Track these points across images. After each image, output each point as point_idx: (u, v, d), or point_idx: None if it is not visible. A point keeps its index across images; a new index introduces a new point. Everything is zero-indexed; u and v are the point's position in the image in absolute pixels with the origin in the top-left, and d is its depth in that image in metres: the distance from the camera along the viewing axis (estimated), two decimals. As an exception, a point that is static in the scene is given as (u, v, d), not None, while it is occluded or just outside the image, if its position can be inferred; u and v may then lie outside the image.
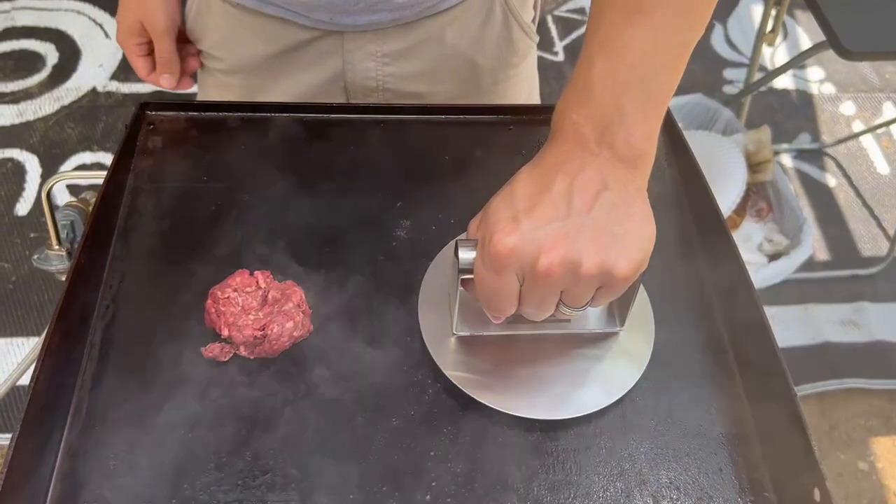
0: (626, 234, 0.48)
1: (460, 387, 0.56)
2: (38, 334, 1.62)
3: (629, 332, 0.60)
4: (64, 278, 0.81)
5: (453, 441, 0.55)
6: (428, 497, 0.52)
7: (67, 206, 0.81)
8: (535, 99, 0.97)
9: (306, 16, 0.74)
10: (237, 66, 0.82)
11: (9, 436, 1.48)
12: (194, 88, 0.92)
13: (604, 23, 0.49)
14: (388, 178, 0.70)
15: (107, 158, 1.94)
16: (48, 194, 0.76)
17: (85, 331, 0.59)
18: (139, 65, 0.81)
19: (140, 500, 0.51)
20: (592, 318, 0.60)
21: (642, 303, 0.62)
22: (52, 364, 0.54)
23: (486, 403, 0.56)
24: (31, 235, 1.79)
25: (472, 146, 0.73)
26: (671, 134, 0.75)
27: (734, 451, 0.55)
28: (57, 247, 0.78)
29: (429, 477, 0.53)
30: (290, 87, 0.82)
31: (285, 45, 0.78)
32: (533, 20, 0.86)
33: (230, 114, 0.74)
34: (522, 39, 0.83)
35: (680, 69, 0.50)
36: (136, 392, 0.56)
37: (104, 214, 0.64)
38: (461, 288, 0.55)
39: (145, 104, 0.73)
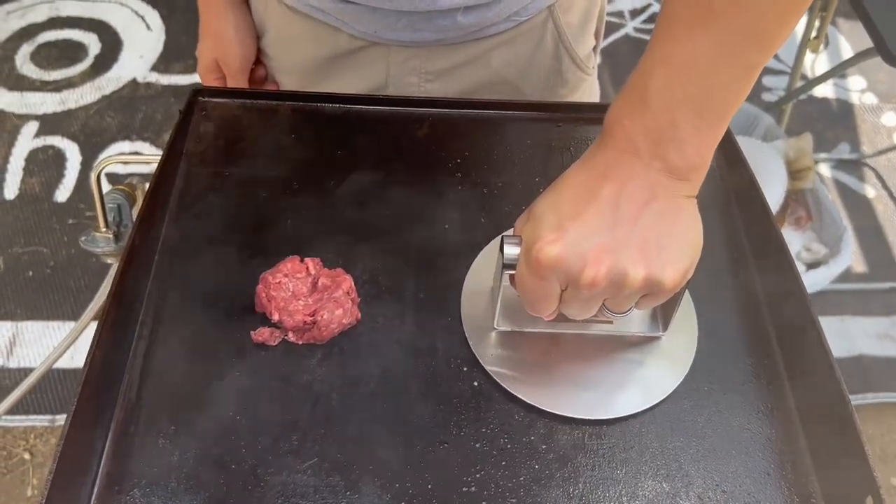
0: (673, 244, 0.48)
1: (499, 381, 0.57)
2: (75, 318, 1.64)
3: (671, 337, 0.59)
4: (110, 261, 0.82)
5: (496, 434, 0.55)
6: (473, 489, 0.52)
7: (114, 189, 0.82)
8: None
9: (353, 26, 0.75)
10: (286, 66, 0.84)
11: (47, 417, 1.50)
12: None
13: (668, 35, 0.48)
14: (436, 171, 0.70)
15: (145, 148, 1.96)
16: (98, 177, 0.77)
17: (136, 312, 0.60)
18: None
19: (188, 478, 0.52)
20: (635, 321, 0.60)
21: (686, 308, 0.61)
22: (106, 344, 0.54)
23: (525, 399, 0.56)
24: (70, 222, 1.82)
25: (519, 143, 0.73)
26: (724, 139, 0.74)
27: (782, 455, 0.55)
28: (104, 229, 0.79)
29: (472, 469, 0.53)
30: (337, 90, 0.82)
31: (333, 51, 0.78)
32: (594, 48, 0.85)
33: (281, 102, 0.75)
34: (573, 72, 0.82)
35: (743, 90, 0.49)
36: (185, 373, 0.57)
37: (157, 198, 0.65)
38: (505, 283, 0.55)
39: (199, 90, 0.74)
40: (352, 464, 0.53)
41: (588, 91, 0.89)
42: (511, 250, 0.51)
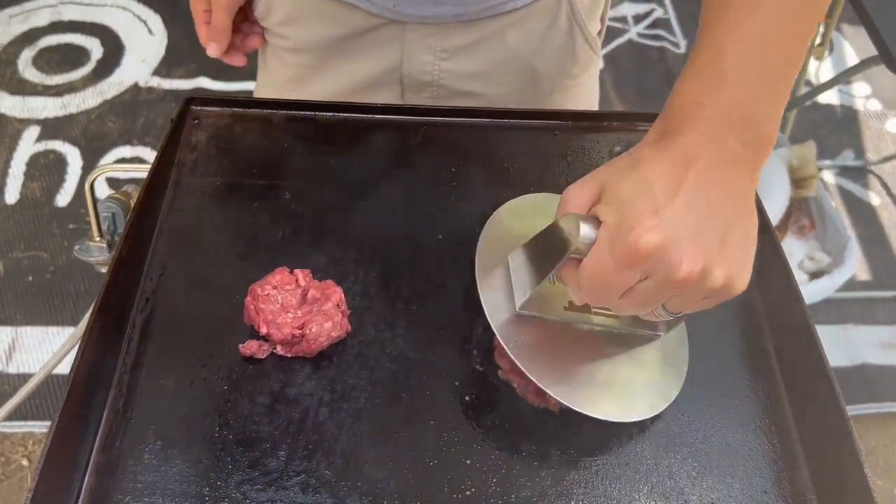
0: (746, 247, 0.46)
1: (515, 360, 0.52)
2: (74, 324, 1.64)
3: (665, 341, 0.58)
4: (104, 270, 0.82)
5: (488, 451, 0.54)
6: (463, 506, 0.51)
7: (109, 198, 0.81)
8: None
9: (371, 1, 0.74)
10: (301, 45, 0.82)
11: (45, 423, 1.50)
12: (244, 85, 0.91)
13: (729, 10, 0.48)
14: (432, 179, 0.70)
15: (146, 153, 1.96)
16: (91, 186, 0.76)
17: (124, 323, 0.59)
18: (201, 31, 0.82)
19: (174, 495, 0.51)
20: (641, 319, 0.57)
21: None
22: (91, 355, 0.54)
23: (540, 385, 0.52)
24: (70, 226, 1.81)
25: (515, 152, 0.72)
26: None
27: (780, 472, 0.54)
28: (98, 238, 0.79)
29: (463, 486, 0.52)
30: (349, 71, 0.81)
31: (349, 29, 0.78)
32: (599, 33, 0.85)
33: (274, 111, 0.74)
34: (585, 51, 0.82)
35: (800, 58, 0.50)
36: (172, 387, 0.56)
37: (147, 208, 0.64)
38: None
39: (191, 99, 0.73)
40: (340, 480, 0.52)
41: (593, 76, 0.89)
42: (589, 232, 0.46)
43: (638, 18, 2.38)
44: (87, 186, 0.76)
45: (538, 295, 0.54)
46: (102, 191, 1.88)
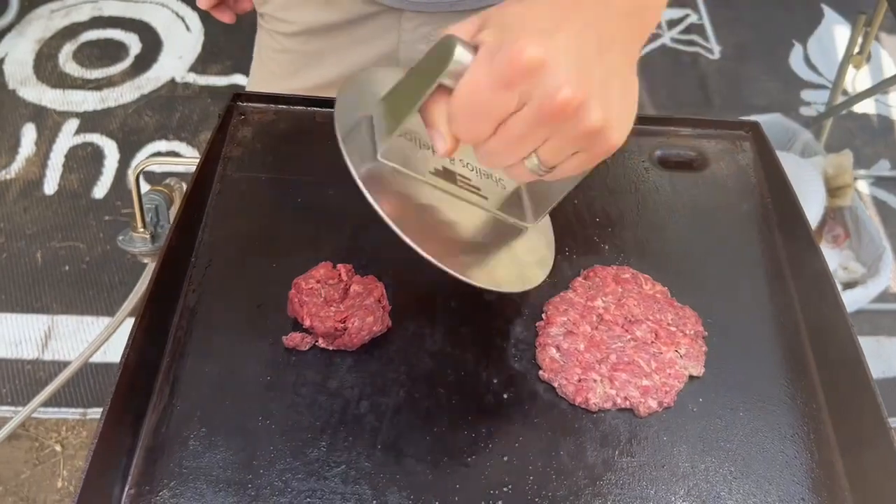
0: (629, 103, 0.44)
1: (382, 215, 0.49)
2: (108, 314, 1.67)
3: (532, 237, 0.57)
4: (146, 260, 0.83)
5: (525, 448, 0.54)
6: (500, 503, 0.52)
7: (152, 190, 0.83)
8: None
9: None
10: (300, 30, 0.83)
11: (78, 410, 1.53)
12: (247, 79, 0.90)
13: None
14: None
15: (181, 147, 1.98)
16: (137, 178, 0.78)
17: (171, 314, 0.60)
18: None
19: (217, 481, 0.52)
20: (511, 204, 0.56)
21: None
22: (141, 343, 0.55)
23: (407, 241, 0.49)
24: (106, 218, 1.84)
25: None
26: (762, 151, 0.73)
27: (817, 480, 0.54)
28: (141, 229, 0.80)
29: (500, 482, 0.53)
30: (346, 57, 0.82)
31: (346, 15, 0.78)
32: None
33: (319, 109, 0.75)
34: None
35: None
36: (216, 375, 0.57)
37: (195, 201, 0.65)
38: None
39: (237, 95, 0.74)
40: (379, 473, 0.53)
41: None
42: (465, 54, 0.42)
43: (672, 23, 2.37)
44: (132, 178, 0.78)
45: (403, 146, 0.51)
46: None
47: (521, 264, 0.55)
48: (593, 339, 0.59)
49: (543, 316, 0.61)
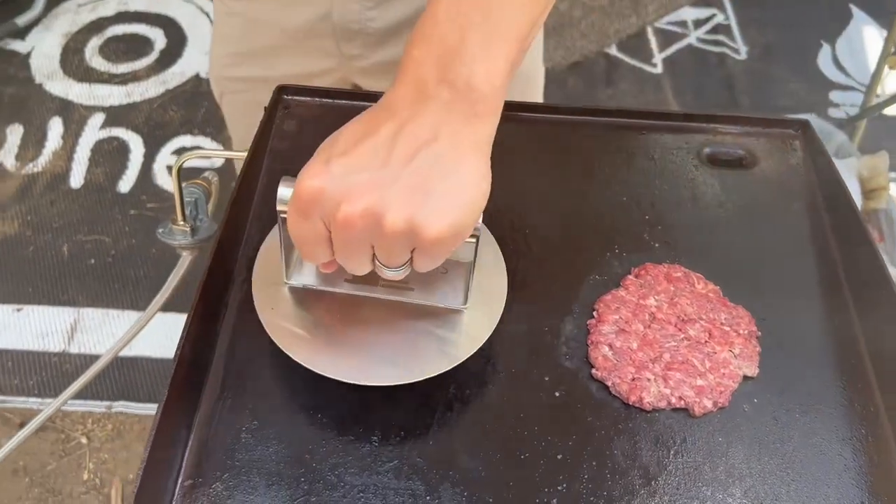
0: (446, 193, 0.44)
1: (277, 341, 0.53)
2: (133, 307, 1.67)
3: (473, 312, 0.56)
4: (185, 253, 0.83)
5: (580, 447, 0.54)
6: (555, 501, 0.51)
7: (192, 183, 0.83)
8: (534, 97, 0.93)
9: None
10: None
11: (104, 403, 1.53)
12: None
13: None
14: (529, 172, 0.70)
15: (206, 142, 1.99)
16: (178, 171, 0.78)
17: (221, 307, 0.60)
18: None
19: (269, 474, 0.52)
20: (437, 291, 0.56)
21: (494, 281, 0.58)
22: (195, 336, 0.55)
23: (299, 361, 0.52)
24: (132, 212, 1.85)
25: (605, 148, 0.72)
26: (813, 150, 0.72)
27: (877, 486, 0.53)
28: (182, 222, 0.80)
29: (554, 481, 0.52)
30: (284, 20, 0.84)
31: None
32: None
33: (362, 103, 0.74)
34: None
35: (533, 11, 0.47)
36: (268, 368, 0.57)
37: (244, 193, 0.65)
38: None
39: (282, 88, 0.74)
40: (432, 468, 0.53)
41: (538, 53, 0.90)
42: (283, 191, 0.48)
43: (698, 23, 2.36)
44: (174, 172, 0.78)
45: (308, 266, 0.55)
46: (162, 178, 1.92)
47: (437, 349, 0.55)
48: (646, 337, 0.58)
49: (595, 314, 0.60)
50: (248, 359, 0.57)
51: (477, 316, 0.56)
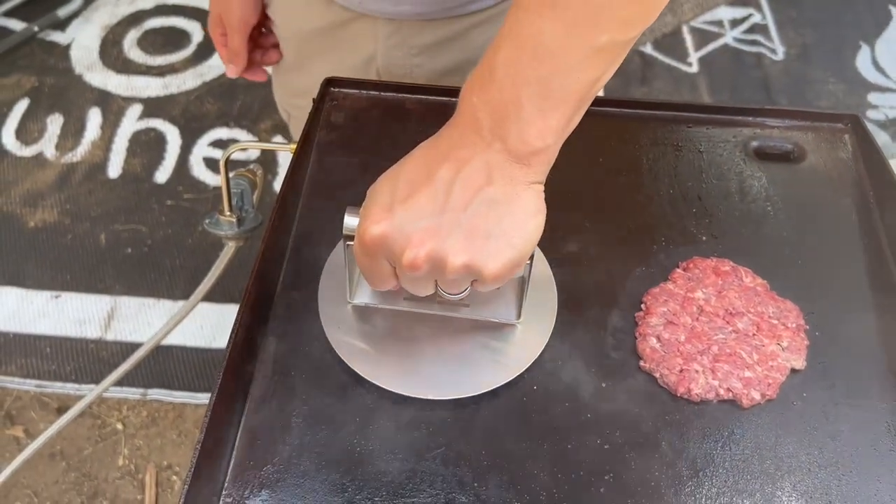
0: (502, 234, 0.47)
1: (344, 359, 0.56)
2: (169, 297, 1.70)
3: (526, 326, 0.58)
4: (231, 243, 0.84)
5: (627, 432, 0.54)
6: (603, 490, 0.52)
7: (238, 175, 0.84)
8: None
9: None
10: (285, 34, 0.88)
11: (139, 390, 1.56)
12: None
13: (519, 10, 0.46)
14: (579, 166, 0.70)
15: (242, 135, 2.01)
16: (226, 162, 0.79)
17: (272, 294, 0.61)
18: (221, 53, 0.90)
19: (319, 458, 0.53)
20: (490, 307, 0.59)
21: (544, 298, 0.60)
22: (247, 324, 0.56)
23: (367, 377, 0.55)
24: (168, 202, 1.87)
25: (652, 140, 0.72)
26: (863, 145, 0.72)
27: (928, 481, 0.52)
28: (228, 213, 0.81)
29: (602, 469, 0.52)
30: (331, 61, 0.84)
31: (328, 22, 0.81)
32: None
33: (409, 95, 0.75)
34: None
35: (593, 75, 0.46)
36: (316, 354, 0.58)
37: (294, 184, 0.66)
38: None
39: (330, 80, 0.75)
40: (478, 455, 0.53)
41: None
42: (349, 221, 0.51)
43: (735, 23, 2.33)
44: (221, 164, 0.79)
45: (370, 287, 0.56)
46: (199, 170, 1.94)
47: (500, 360, 0.57)
48: (694, 329, 0.58)
49: (642, 306, 0.60)
50: (298, 344, 0.58)
51: (530, 327, 0.58)
